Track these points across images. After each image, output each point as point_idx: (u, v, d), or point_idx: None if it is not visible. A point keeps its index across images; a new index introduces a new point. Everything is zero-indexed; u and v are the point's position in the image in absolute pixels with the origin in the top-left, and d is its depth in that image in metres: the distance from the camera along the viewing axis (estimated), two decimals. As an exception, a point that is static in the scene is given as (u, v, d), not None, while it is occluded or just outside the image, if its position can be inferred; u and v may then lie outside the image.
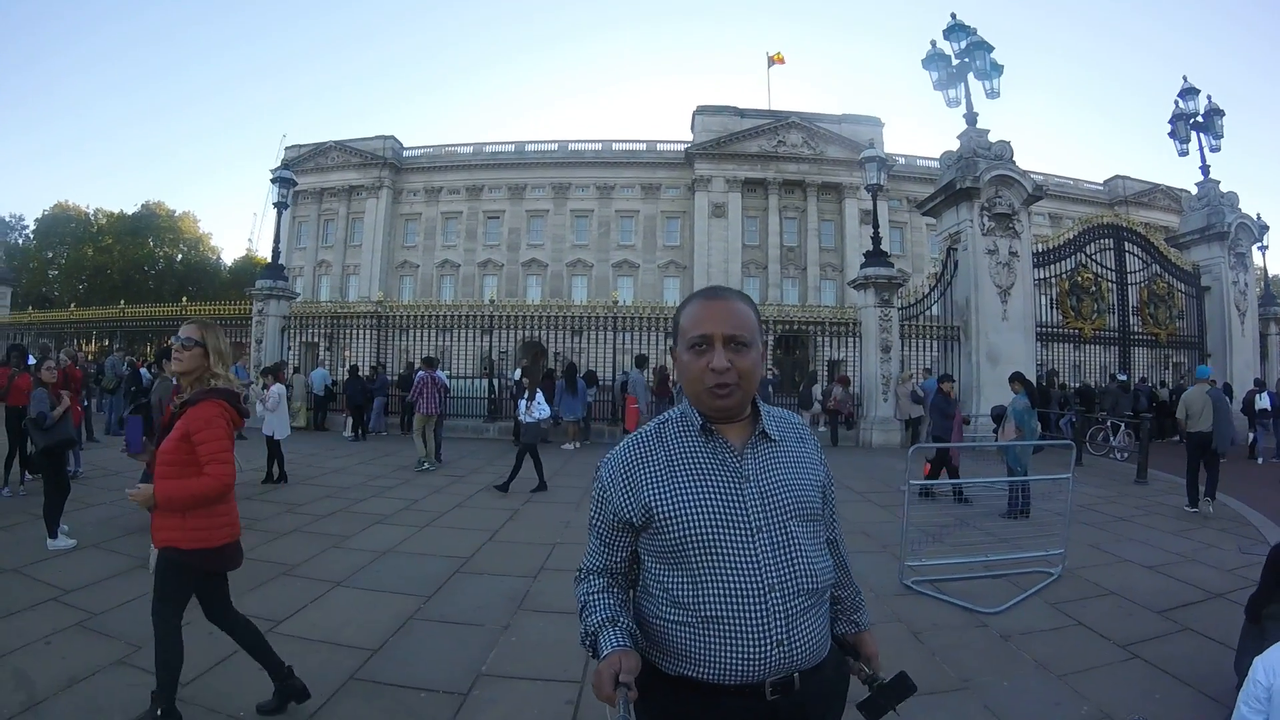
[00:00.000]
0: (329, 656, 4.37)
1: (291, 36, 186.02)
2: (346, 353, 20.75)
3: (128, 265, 53.80)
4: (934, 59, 17.75)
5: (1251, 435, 16.12)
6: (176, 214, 59.58)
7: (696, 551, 1.59)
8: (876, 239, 17.89)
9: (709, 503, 1.61)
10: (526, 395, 11.02)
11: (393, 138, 56.05)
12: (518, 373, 18.75)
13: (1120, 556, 7.28)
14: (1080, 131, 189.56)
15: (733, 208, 50.88)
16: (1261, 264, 24.97)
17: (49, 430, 7.24)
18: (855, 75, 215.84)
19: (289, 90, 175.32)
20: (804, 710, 1.63)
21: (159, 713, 3.35)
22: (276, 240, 21.37)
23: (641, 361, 14.04)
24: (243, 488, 9.69)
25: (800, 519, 1.66)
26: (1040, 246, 18.83)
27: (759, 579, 1.57)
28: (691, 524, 1.59)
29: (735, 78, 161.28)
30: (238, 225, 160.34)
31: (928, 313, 18.35)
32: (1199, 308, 21.14)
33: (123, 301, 24.78)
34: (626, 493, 1.68)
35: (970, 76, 17.55)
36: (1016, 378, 10.32)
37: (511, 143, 56.30)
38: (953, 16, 17.52)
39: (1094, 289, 19.41)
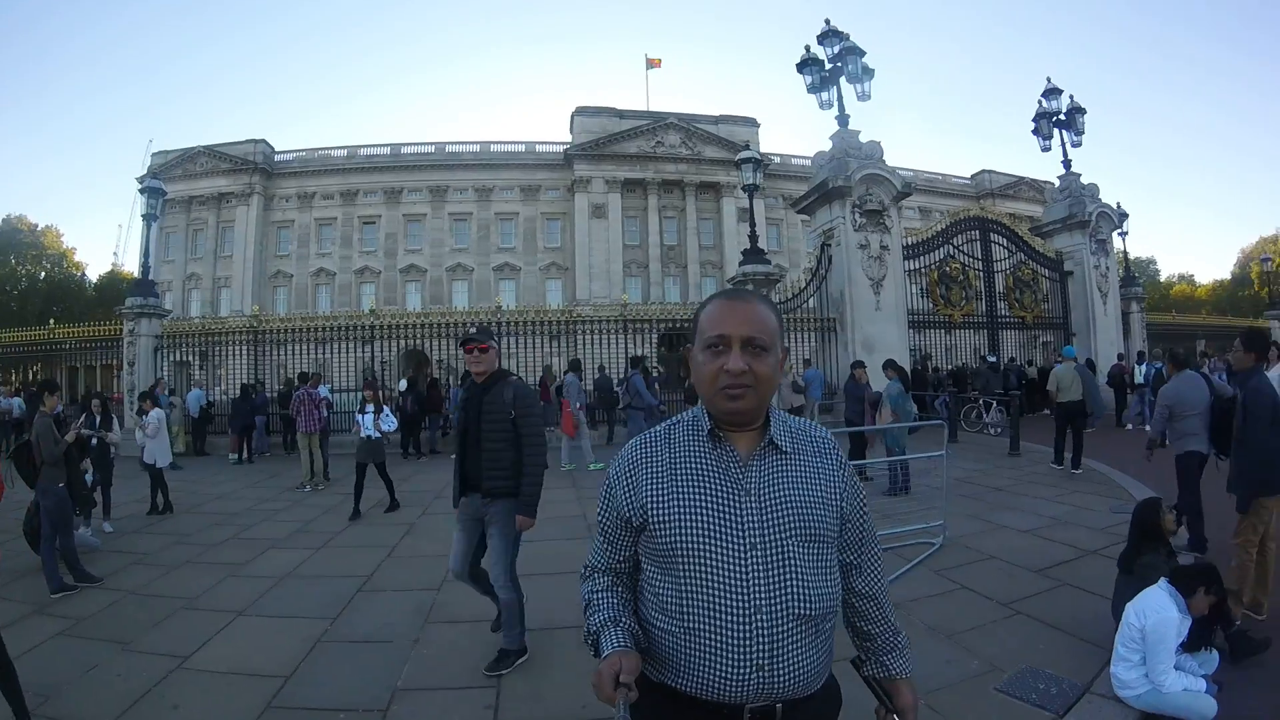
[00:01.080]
0: (243, 687, 4.25)
1: (160, 36, 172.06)
2: (220, 371, 19.77)
3: (-9, 287, 49.45)
4: (808, 64, 18.34)
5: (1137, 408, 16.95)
6: (39, 228, 55.22)
7: (684, 560, 1.53)
8: (754, 237, 18.43)
9: (703, 512, 1.54)
10: (373, 409, 10.12)
11: (264, 141, 53.16)
12: (403, 383, 18.28)
13: (999, 524, 7.78)
14: (949, 129, 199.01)
15: (613, 208, 51.10)
16: (1122, 248, 27.03)
17: None
18: (732, 79, 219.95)
19: (156, 93, 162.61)
20: None
21: None
22: (145, 254, 19.99)
23: (575, 366, 13.98)
24: (129, 520, 9.38)
25: (801, 539, 1.55)
26: (911, 239, 19.75)
27: (745, 598, 1.48)
28: (682, 531, 1.54)
29: (614, 82, 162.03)
30: (103, 238, 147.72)
31: (805, 306, 18.98)
32: (1063, 291, 22.69)
33: (-11, 327, 23.20)
34: (628, 491, 1.64)
35: (843, 80, 18.24)
36: (889, 365, 10.84)
37: (387, 145, 54.38)
38: (826, 23, 18.21)
39: (962, 278, 20.56)
